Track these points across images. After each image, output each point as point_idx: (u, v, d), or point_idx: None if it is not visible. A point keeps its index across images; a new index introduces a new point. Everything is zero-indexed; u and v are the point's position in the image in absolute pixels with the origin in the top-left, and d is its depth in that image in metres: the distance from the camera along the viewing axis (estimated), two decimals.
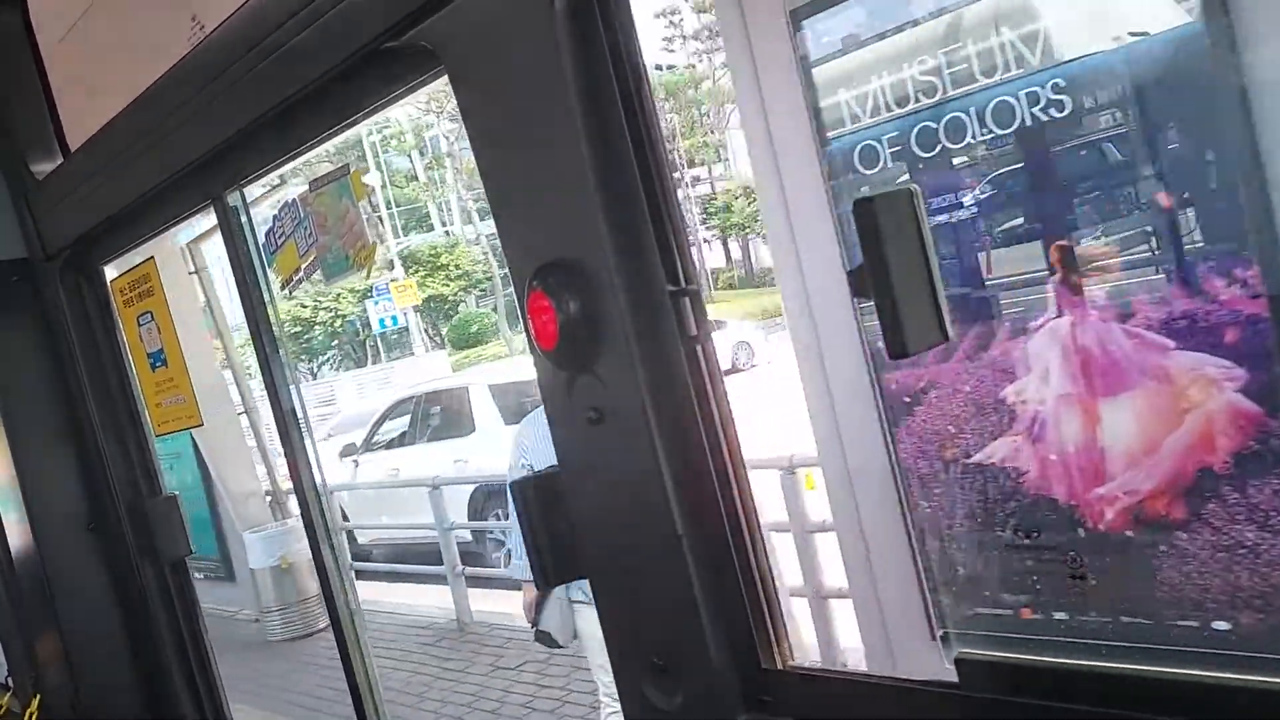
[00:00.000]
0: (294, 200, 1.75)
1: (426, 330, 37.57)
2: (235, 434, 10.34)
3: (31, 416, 2.49)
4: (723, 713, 1.25)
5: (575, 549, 1.36)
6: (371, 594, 10.02)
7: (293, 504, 9.28)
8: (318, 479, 2.04)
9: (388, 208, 39.48)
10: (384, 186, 39.04)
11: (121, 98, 2.07)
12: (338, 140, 1.77)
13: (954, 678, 1.11)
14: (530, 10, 1.22)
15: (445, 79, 1.41)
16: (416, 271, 37.32)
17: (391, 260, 37.15)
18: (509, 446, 4.34)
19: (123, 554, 2.51)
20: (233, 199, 1.92)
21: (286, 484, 9.87)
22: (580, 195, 1.23)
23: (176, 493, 2.57)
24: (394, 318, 33.95)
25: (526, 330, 1.30)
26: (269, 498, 10.68)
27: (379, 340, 37.77)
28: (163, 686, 2.55)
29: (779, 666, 1.24)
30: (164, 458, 2.65)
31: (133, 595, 2.53)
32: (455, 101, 1.39)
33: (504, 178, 1.34)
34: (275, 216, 1.82)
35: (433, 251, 39.37)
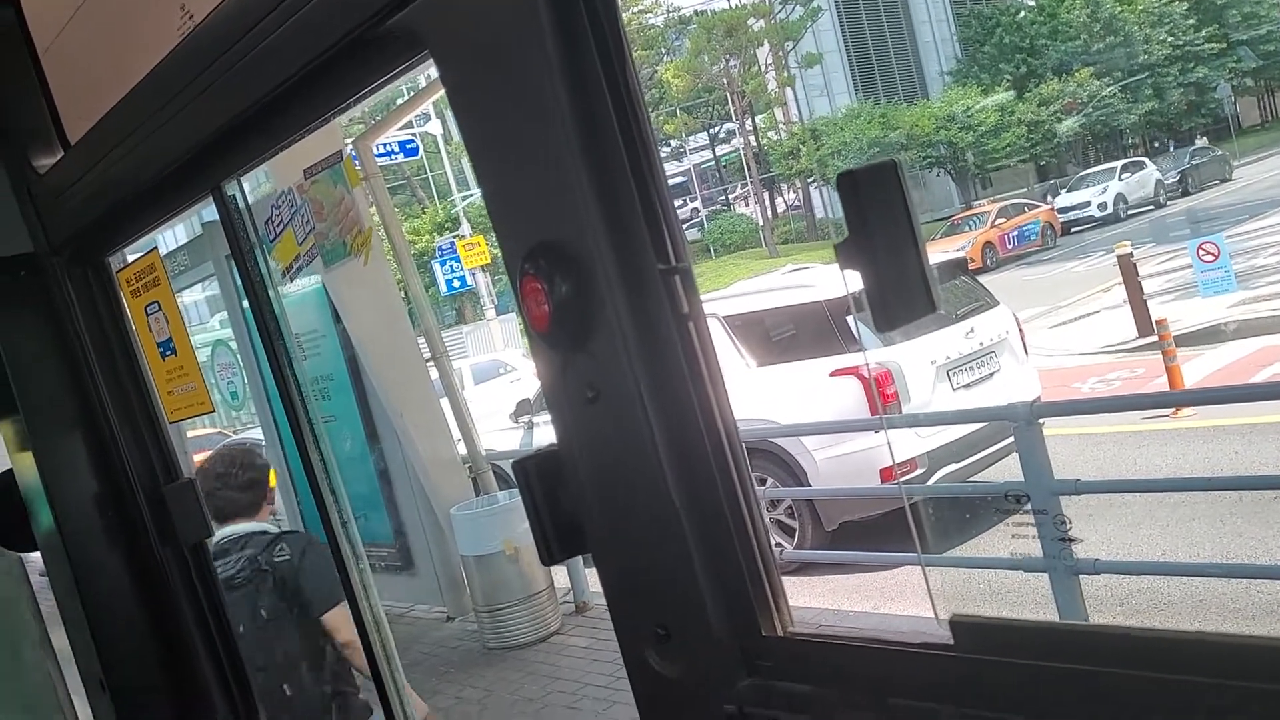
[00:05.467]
0: (290, 188, 1.76)
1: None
2: (425, 387, 8.32)
3: (48, 409, 2.52)
4: (724, 678, 1.28)
5: (578, 525, 1.38)
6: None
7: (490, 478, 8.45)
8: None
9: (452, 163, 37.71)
10: (446, 140, 37.50)
11: (117, 90, 2.08)
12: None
13: (949, 639, 1.13)
14: None
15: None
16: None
17: (457, 216, 35.56)
18: None
19: (143, 539, 2.56)
20: (230, 188, 1.94)
21: (487, 449, 8.99)
22: (568, 176, 1.24)
23: (193, 477, 2.61)
24: (462, 279, 32.36)
25: (520, 312, 1.32)
26: (468, 468, 8.54)
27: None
28: (187, 663, 2.61)
29: (778, 633, 1.27)
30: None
31: (155, 578, 2.58)
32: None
33: (493, 161, 1.36)
34: (272, 205, 1.84)
35: (482, 213, 37.55)
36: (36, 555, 2.77)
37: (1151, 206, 34.46)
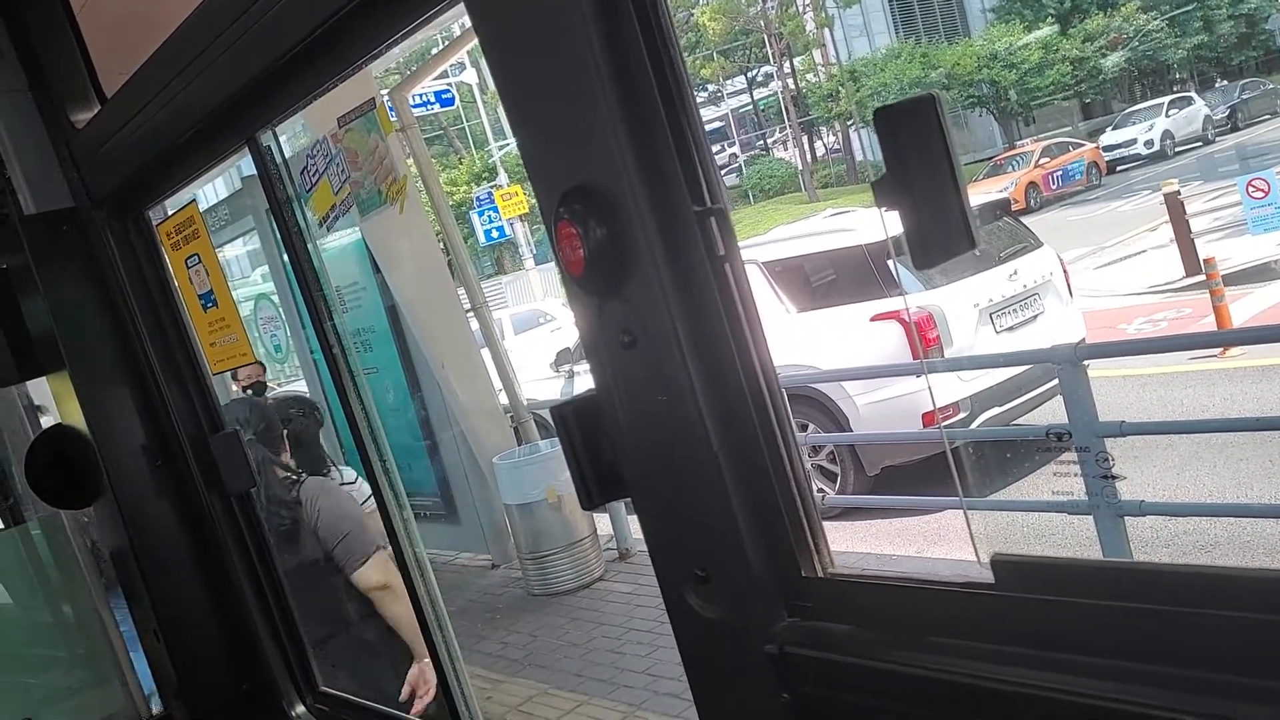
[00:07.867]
0: (324, 137, 1.77)
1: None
2: (466, 338, 8.38)
3: (93, 362, 2.56)
4: (764, 619, 1.29)
5: (617, 469, 1.39)
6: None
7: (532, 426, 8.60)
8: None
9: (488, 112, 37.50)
10: (482, 89, 37.19)
11: (151, 44, 2.09)
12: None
13: (990, 579, 1.13)
14: None
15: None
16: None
17: (494, 166, 35.45)
18: None
19: (190, 489, 2.61)
20: (266, 139, 1.94)
21: (528, 398, 9.12)
22: (602, 120, 1.23)
23: (238, 428, 2.64)
24: (500, 229, 32.19)
25: (556, 258, 1.31)
26: (509, 417, 8.65)
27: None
28: (236, 609, 2.67)
29: (818, 574, 1.27)
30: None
31: (203, 527, 2.63)
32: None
33: (526, 107, 1.34)
34: (308, 155, 1.85)
35: (519, 162, 36.99)
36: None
37: (1199, 143, 33.53)
